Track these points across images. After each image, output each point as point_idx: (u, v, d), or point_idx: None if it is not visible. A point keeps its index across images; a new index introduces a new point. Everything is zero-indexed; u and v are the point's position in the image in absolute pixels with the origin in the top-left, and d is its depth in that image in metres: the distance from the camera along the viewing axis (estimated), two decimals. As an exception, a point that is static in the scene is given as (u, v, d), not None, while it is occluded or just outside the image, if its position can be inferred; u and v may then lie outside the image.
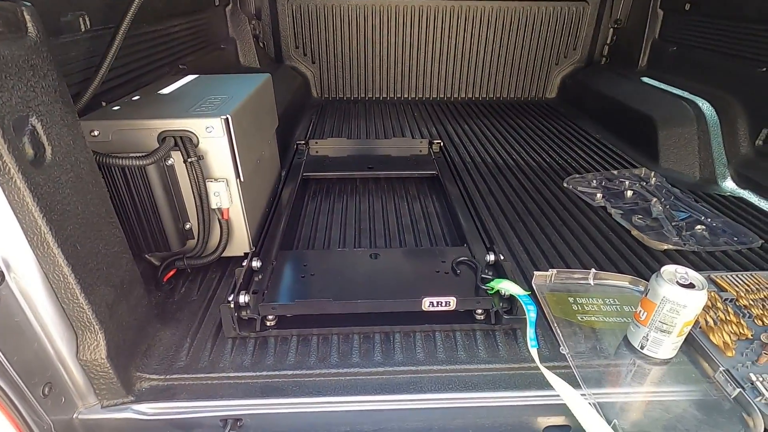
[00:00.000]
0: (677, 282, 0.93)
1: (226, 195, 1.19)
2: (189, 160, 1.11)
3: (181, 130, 1.10)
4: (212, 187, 1.17)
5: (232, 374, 0.99)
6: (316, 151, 2.07)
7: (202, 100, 1.24)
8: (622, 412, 0.91)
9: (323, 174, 1.89)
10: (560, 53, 3.20)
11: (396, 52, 3.09)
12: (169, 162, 1.13)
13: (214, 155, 1.15)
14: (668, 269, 0.96)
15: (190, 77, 1.54)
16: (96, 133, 1.09)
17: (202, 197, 1.16)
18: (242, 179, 1.20)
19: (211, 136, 1.12)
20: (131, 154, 1.04)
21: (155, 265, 1.25)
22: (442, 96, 3.27)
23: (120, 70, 1.43)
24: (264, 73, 1.60)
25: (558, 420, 0.99)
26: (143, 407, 0.93)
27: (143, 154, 1.05)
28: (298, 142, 2.08)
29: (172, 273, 1.26)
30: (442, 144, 2.12)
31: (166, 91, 1.36)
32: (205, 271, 1.30)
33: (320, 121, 2.75)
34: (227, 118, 1.11)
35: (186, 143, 1.10)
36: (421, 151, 2.10)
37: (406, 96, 3.24)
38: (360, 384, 0.98)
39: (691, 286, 0.93)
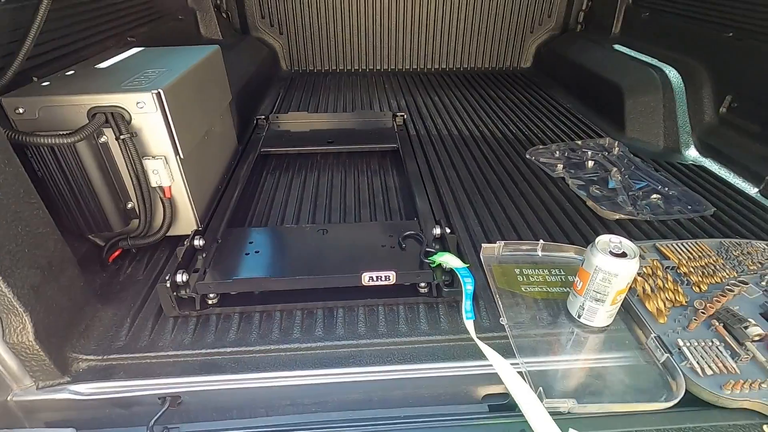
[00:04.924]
0: (610, 252, 0.93)
1: (166, 173, 1.15)
2: (121, 137, 1.07)
3: (111, 106, 1.06)
4: (150, 164, 1.13)
5: (170, 353, 0.99)
6: (278, 126, 2.02)
7: (138, 73, 1.20)
8: (553, 379, 0.93)
9: (282, 149, 1.85)
10: (535, 21, 3.12)
11: (367, 22, 2.99)
12: (102, 139, 1.09)
13: (150, 131, 1.11)
14: (602, 239, 0.97)
15: (134, 50, 1.48)
16: (21, 110, 1.04)
17: (138, 176, 1.13)
18: (182, 156, 1.17)
19: (144, 111, 1.08)
20: (55, 132, 1.00)
21: (100, 246, 1.23)
22: (414, 67, 3.19)
23: (57, 43, 1.36)
24: (212, 45, 1.54)
25: (497, 388, 1.01)
26: (80, 387, 0.93)
27: (68, 132, 1.01)
28: (257, 117, 2.02)
29: (117, 253, 1.24)
30: (405, 117, 2.08)
31: (103, 65, 1.30)
32: (153, 250, 1.29)
33: (288, 95, 2.68)
34: (159, 93, 1.07)
35: (117, 119, 1.06)
36: (385, 124, 2.06)
37: (378, 68, 3.16)
38: (300, 359, 0.99)
39: (623, 255, 0.93)
